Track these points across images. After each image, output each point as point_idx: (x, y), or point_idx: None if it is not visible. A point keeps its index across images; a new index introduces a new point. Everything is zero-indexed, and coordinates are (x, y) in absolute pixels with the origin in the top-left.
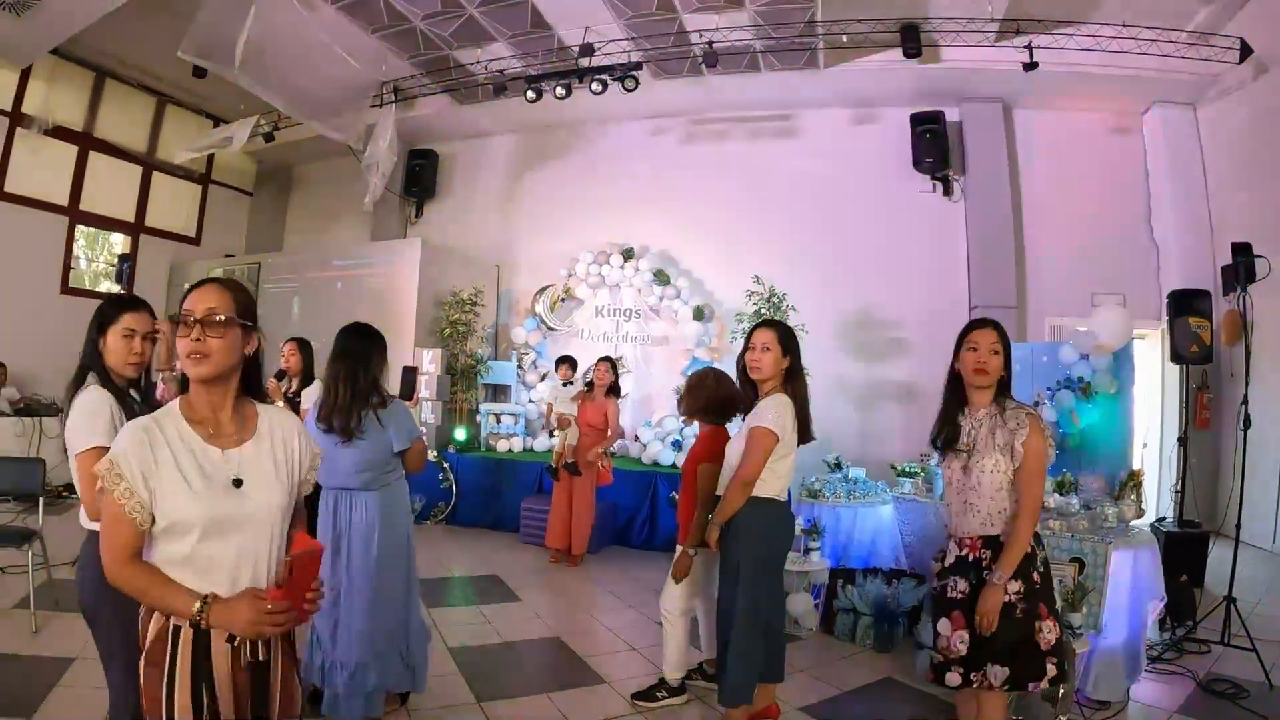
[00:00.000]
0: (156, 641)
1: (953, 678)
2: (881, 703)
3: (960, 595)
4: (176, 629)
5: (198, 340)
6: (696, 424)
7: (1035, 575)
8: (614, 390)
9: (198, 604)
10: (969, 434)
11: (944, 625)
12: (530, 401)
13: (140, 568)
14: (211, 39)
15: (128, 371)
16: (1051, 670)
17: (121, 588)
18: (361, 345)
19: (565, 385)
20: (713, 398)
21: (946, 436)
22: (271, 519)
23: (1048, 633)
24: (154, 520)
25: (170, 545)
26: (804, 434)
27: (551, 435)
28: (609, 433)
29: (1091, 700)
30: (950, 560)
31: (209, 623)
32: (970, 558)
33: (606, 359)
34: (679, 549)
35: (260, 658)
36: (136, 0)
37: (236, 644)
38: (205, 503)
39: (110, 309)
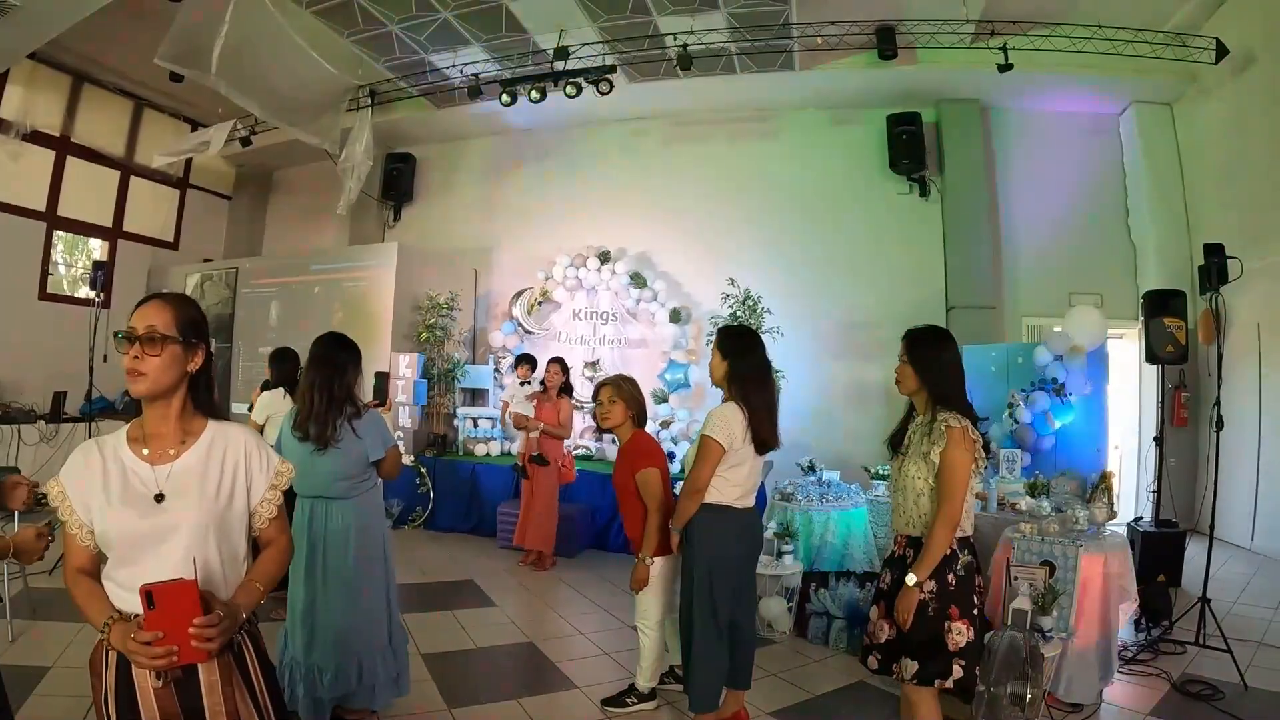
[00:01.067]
0: (96, 651)
1: (871, 661)
2: (854, 706)
3: (884, 586)
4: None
5: (135, 359)
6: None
7: (950, 577)
8: (566, 390)
9: (104, 622)
10: (909, 437)
11: (873, 612)
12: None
13: (79, 582)
14: (188, 44)
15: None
16: (958, 671)
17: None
18: (337, 355)
19: (523, 384)
20: (640, 401)
21: (894, 438)
22: (195, 534)
23: (957, 634)
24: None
25: (109, 562)
26: (762, 443)
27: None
28: (560, 430)
29: (1063, 703)
30: (888, 553)
31: (108, 643)
32: (897, 553)
33: (557, 360)
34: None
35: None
36: (114, 4)
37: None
38: (120, 519)
39: None
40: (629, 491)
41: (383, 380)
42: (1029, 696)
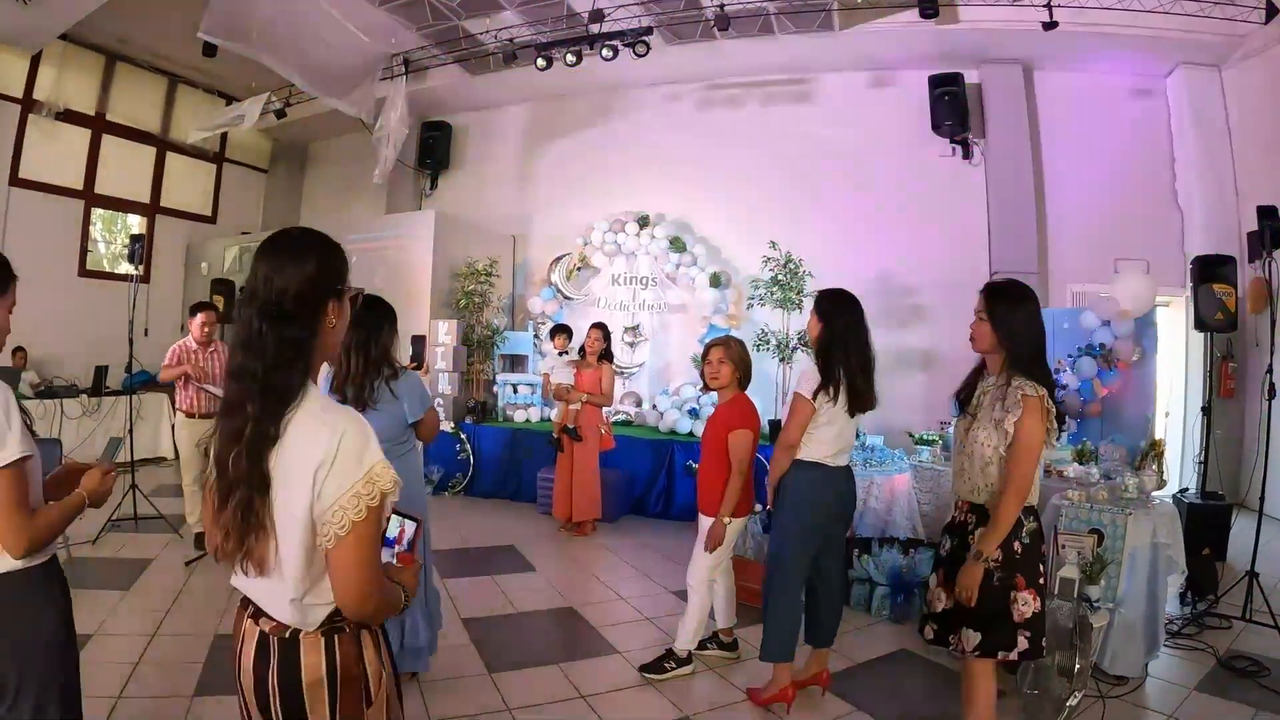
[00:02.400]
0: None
1: (927, 631)
2: (896, 674)
3: (944, 553)
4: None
5: None
6: (715, 392)
7: (1016, 545)
8: (606, 356)
9: None
10: (978, 399)
11: (932, 579)
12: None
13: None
14: (228, 17)
15: None
16: (1023, 643)
17: None
18: (372, 316)
19: (561, 354)
20: (748, 364)
21: (962, 396)
22: None
23: (1023, 605)
24: None
25: None
26: (859, 405)
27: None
28: (601, 398)
29: (1108, 675)
30: (949, 518)
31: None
32: (958, 519)
33: (599, 325)
34: (708, 520)
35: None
36: None
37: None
38: None
39: None
40: (718, 450)
41: (419, 344)
42: (1077, 667)
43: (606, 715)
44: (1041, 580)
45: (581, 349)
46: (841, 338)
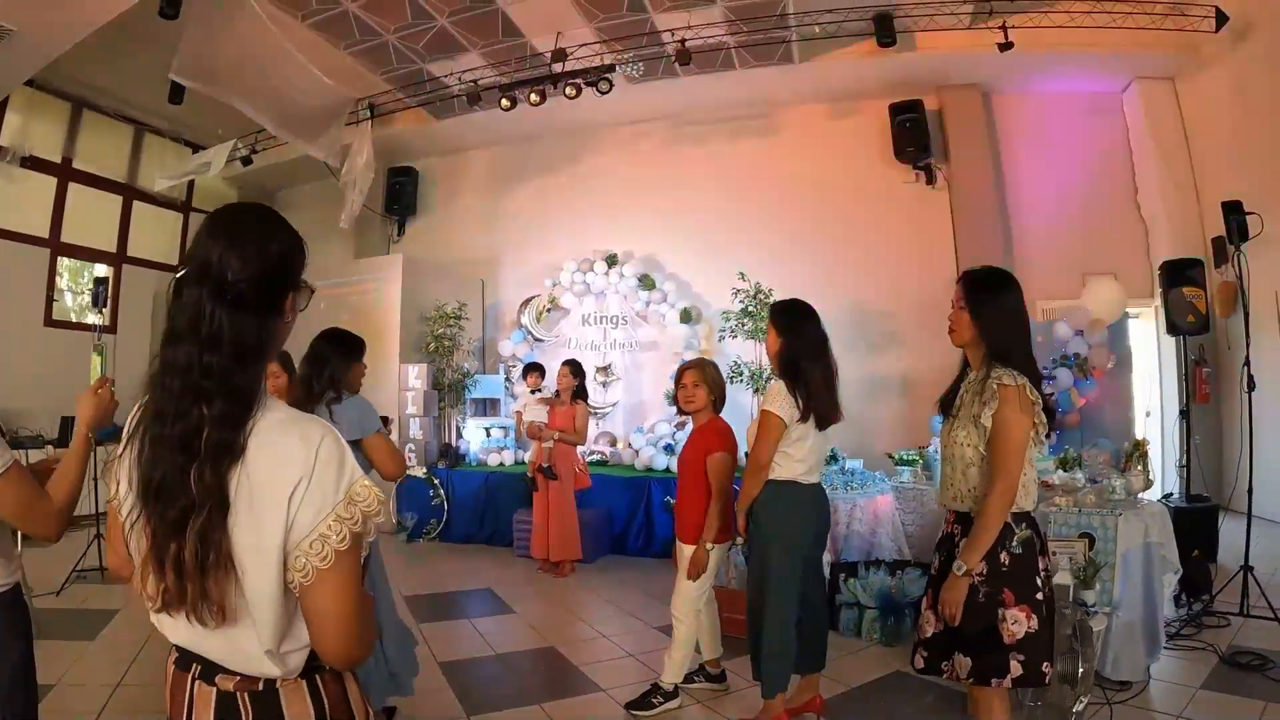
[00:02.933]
0: None
1: (917, 660)
2: (891, 697)
3: (934, 572)
4: None
5: None
6: (689, 418)
7: (1004, 556)
8: (581, 394)
9: None
10: (960, 398)
11: (924, 602)
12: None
13: None
14: (199, 60)
15: None
16: (1016, 669)
17: None
18: (322, 347)
19: (534, 392)
20: (722, 386)
21: (945, 398)
22: None
23: (1013, 624)
24: None
25: None
26: (823, 418)
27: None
28: (575, 436)
29: (1111, 681)
30: (940, 534)
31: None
32: (945, 532)
33: (569, 362)
34: (688, 548)
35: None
36: (110, 29)
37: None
38: None
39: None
40: (695, 473)
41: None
42: (1080, 671)
43: None
44: (1040, 596)
45: (557, 392)
46: (803, 348)
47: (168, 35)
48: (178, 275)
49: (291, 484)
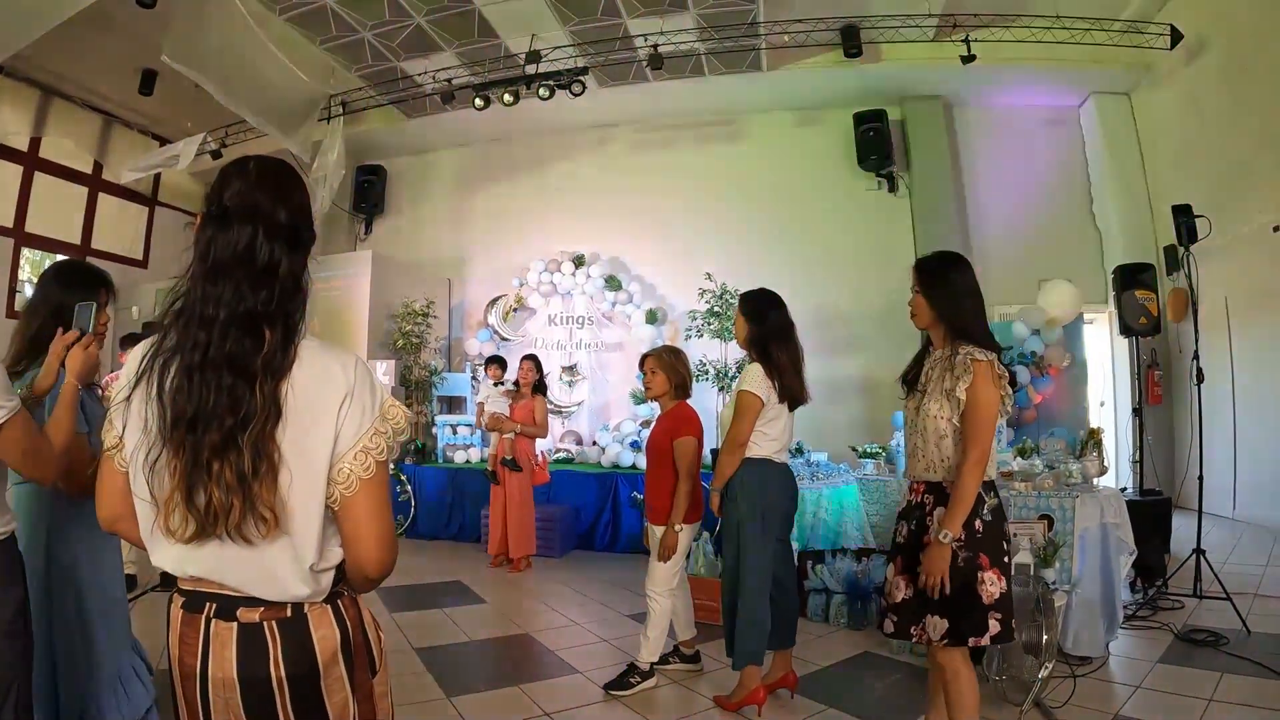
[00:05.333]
0: None
1: (887, 624)
2: (862, 674)
3: (901, 540)
4: None
5: None
6: (656, 404)
7: (978, 524)
8: (540, 389)
9: None
10: (926, 374)
11: (889, 569)
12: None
13: None
14: (185, 42)
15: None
16: (995, 627)
17: None
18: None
19: (496, 385)
20: (681, 372)
21: (910, 375)
22: None
23: (990, 585)
24: None
25: None
26: (793, 399)
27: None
28: (535, 429)
29: (1072, 656)
30: (902, 504)
31: None
32: (914, 501)
33: (530, 357)
34: (659, 529)
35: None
36: (81, 18)
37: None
38: None
39: None
40: (662, 457)
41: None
42: (1044, 639)
43: None
44: (1006, 559)
45: (516, 382)
46: (770, 332)
47: (139, 25)
48: (210, 215)
49: (338, 400)
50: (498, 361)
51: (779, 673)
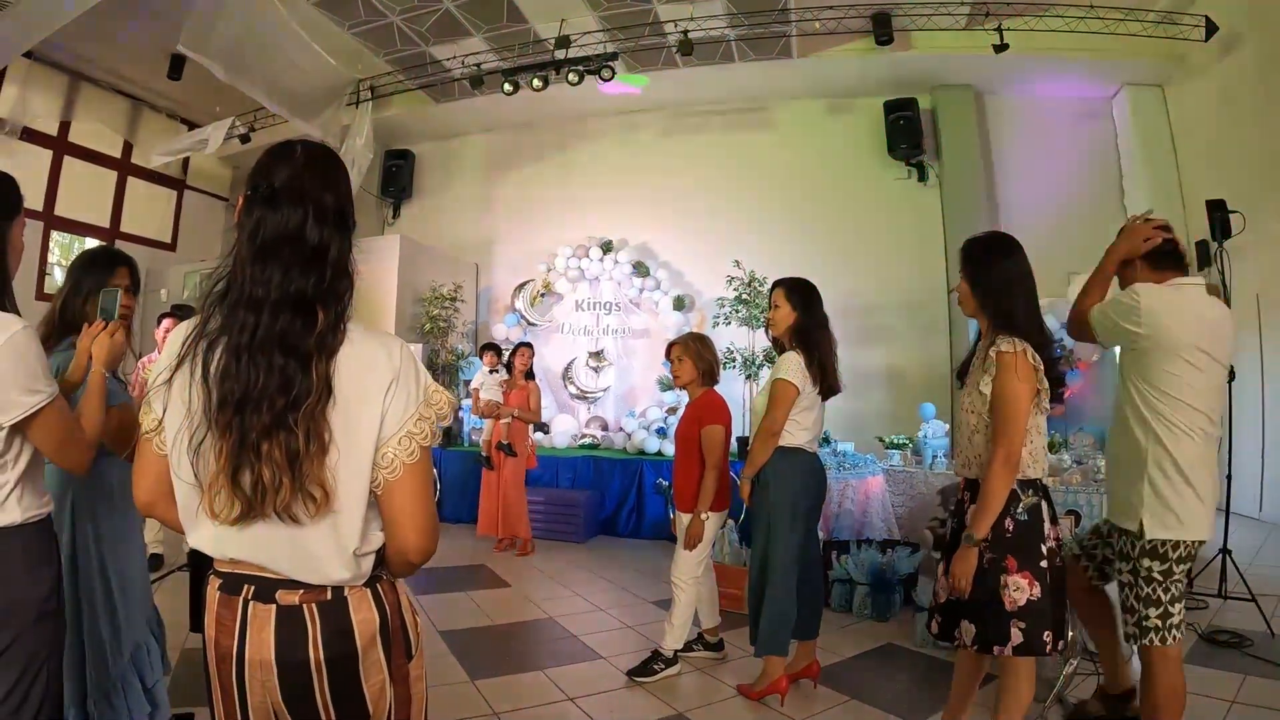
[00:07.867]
0: None
1: (932, 625)
2: (886, 666)
3: (944, 537)
4: None
5: None
6: (685, 392)
7: (1008, 522)
8: (530, 375)
9: None
10: (972, 366)
11: (939, 567)
12: None
13: None
14: (204, 33)
15: None
16: (1016, 636)
17: None
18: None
19: (492, 372)
20: (708, 359)
21: (961, 367)
22: None
23: (1015, 590)
24: None
25: None
26: (829, 389)
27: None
28: (529, 414)
29: (1094, 655)
30: (952, 501)
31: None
32: (958, 499)
33: (525, 345)
34: (683, 517)
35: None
36: (111, 3)
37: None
38: None
39: None
40: (690, 445)
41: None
42: (1069, 635)
43: (599, 717)
44: (1044, 564)
45: (509, 365)
46: (814, 321)
47: (168, 10)
48: (257, 196)
49: (384, 384)
50: (492, 348)
51: (802, 663)
